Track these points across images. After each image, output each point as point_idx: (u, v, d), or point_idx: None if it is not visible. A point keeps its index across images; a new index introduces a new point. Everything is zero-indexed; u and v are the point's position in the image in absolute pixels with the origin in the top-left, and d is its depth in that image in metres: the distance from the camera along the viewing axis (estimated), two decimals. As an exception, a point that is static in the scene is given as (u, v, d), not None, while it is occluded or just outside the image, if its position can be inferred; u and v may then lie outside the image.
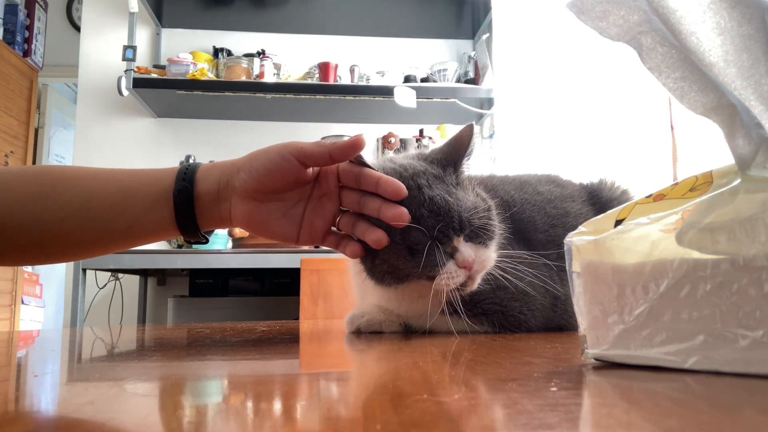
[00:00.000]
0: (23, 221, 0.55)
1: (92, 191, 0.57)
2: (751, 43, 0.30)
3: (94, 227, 0.56)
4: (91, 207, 0.56)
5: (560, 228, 0.68)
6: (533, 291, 0.62)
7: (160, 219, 0.56)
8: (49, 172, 0.59)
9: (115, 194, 0.57)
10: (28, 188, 0.57)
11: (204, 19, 2.52)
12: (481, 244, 0.58)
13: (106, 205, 0.56)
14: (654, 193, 0.34)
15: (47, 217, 0.55)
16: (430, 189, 0.58)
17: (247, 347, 0.53)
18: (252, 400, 0.27)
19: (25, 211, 0.55)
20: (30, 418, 0.22)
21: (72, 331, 0.89)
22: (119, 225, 0.56)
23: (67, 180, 0.57)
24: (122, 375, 0.34)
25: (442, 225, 0.56)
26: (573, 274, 0.35)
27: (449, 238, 0.56)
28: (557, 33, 1.66)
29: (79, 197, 0.56)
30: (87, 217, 0.56)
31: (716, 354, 0.27)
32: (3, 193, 0.56)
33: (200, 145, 2.45)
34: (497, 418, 0.21)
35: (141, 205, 0.56)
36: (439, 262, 0.55)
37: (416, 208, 0.56)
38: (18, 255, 0.60)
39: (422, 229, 0.55)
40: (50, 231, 0.56)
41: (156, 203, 0.56)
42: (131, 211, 0.56)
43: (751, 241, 0.26)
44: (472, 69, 2.51)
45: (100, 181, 0.58)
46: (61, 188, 0.57)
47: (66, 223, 0.56)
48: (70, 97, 4.28)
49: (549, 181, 0.77)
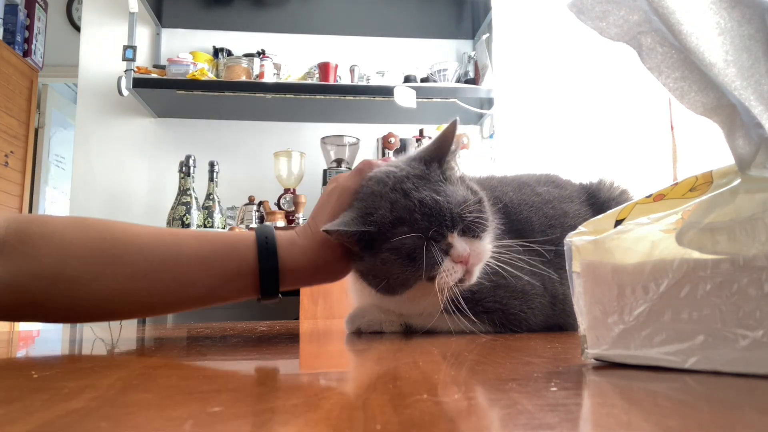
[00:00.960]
0: (79, 275, 0.52)
1: (164, 254, 0.55)
2: (751, 43, 0.30)
3: (168, 290, 0.55)
4: (165, 269, 0.55)
5: (558, 228, 0.68)
6: (532, 288, 0.63)
7: (242, 287, 0.58)
8: (111, 231, 0.55)
9: (191, 260, 0.56)
10: (83, 239, 0.53)
11: (204, 19, 2.51)
12: (475, 237, 0.59)
13: (182, 270, 0.55)
14: (654, 193, 0.34)
15: (110, 273, 0.53)
16: (417, 192, 0.58)
17: (247, 347, 0.53)
18: (252, 400, 0.27)
19: (83, 262, 0.52)
20: (30, 417, 0.22)
21: (72, 331, 0.89)
22: (197, 292, 0.56)
23: (130, 238, 0.55)
24: (122, 375, 0.34)
25: (435, 225, 0.56)
26: (573, 274, 0.35)
27: (443, 235, 0.57)
28: (557, 33, 1.66)
29: (149, 258, 0.54)
30: (159, 280, 0.54)
31: (716, 354, 0.27)
32: (56, 240, 0.52)
33: (200, 145, 2.44)
34: (497, 418, 0.21)
35: (218, 276, 0.57)
36: (438, 260, 0.56)
37: (408, 214, 0.57)
38: (69, 313, 0.55)
39: (418, 234, 0.56)
40: (113, 289, 0.53)
41: (237, 274, 0.57)
42: (207, 281, 0.56)
43: (751, 241, 0.26)
44: (472, 69, 2.51)
45: (168, 244, 0.56)
46: (122, 246, 0.54)
47: (134, 284, 0.53)
48: (70, 97, 4.28)
49: (547, 182, 0.77)
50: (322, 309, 1.45)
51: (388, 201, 0.58)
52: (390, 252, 0.57)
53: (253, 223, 2.19)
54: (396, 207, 0.58)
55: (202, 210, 2.11)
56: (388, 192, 0.59)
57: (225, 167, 2.31)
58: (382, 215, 0.58)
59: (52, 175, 4.15)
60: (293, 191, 2.24)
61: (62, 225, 0.54)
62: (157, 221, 2.29)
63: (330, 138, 2.30)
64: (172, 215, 2.08)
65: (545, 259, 0.65)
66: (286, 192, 2.23)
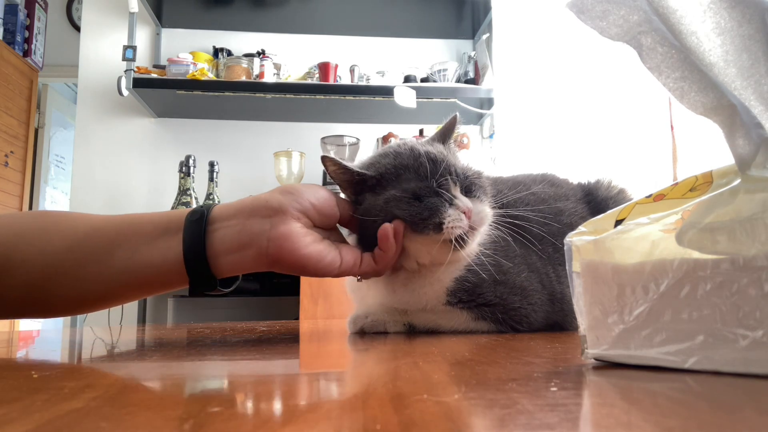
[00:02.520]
0: (26, 255, 0.53)
1: (95, 223, 0.56)
2: (751, 43, 0.30)
3: (94, 259, 0.53)
4: (92, 236, 0.54)
5: (554, 225, 0.69)
6: (530, 285, 0.63)
7: (166, 249, 0.52)
8: (51, 212, 0.59)
9: (120, 225, 0.55)
10: (30, 224, 0.56)
11: (204, 19, 2.51)
12: (477, 199, 0.61)
13: (110, 235, 0.54)
14: (654, 193, 0.34)
15: (50, 249, 0.53)
16: (423, 147, 0.63)
17: (247, 347, 0.53)
18: (252, 400, 0.27)
19: (29, 243, 0.54)
20: (30, 417, 0.22)
21: (72, 331, 0.89)
22: (120, 257, 0.53)
23: (70, 218, 0.57)
24: (122, 375, 0.34)
25: (441, 170, 0.59)
26: (573, 274, 0.35)
27: (448, 186, 0.59)
28: (557, 33, 1.66)
29: (81, 230, 0.55)
30: (88, 249, 0.54)
31: (716, 354, 0.27)
32: (6, 229, 0.54)
33: (200, 145, 2.44)
34: (497, 418, 0.21)
35: (146, 234, 0.54)
36: (446, 202, 0.57)
37: (414, 161, 0.60)
38: (22, 302, 0.55)
39: (424, 176, 0.59)
40: (53, 265, 0.53)
41: (164, 232, 0.53)
42: (134, 240, 0.53)
43: (751, 241, 0.26)
44: (472, 69, 2.51)
45: (104, 218, 0.57)
46: (64, 224, 0.56)
47: (68, 255, 0.53)
48: (70, 97, 4.28)
49: (543, 181, 0.77)
50: (322, 309, 1.45)
51: (393, 153, 0.62)
52: (396, 191, 0.58)
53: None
54: (401, 156, 0.61)
55: (202, 210, 2.11)
56: (394, 148, 0.63)
57: (225, 167, 2.31)
58: (386, 164, 0.61)
59: (52, 175, 4.15)
60: (293, 191, 2.23)
61: (11, 216, 0.57)
62: (157, 221, 2.29)
63: (330, 138, 2.30)
64: (172, 215, 2.08)
65: (542, 257, 0.65)
66: (286, 192, 2.23)
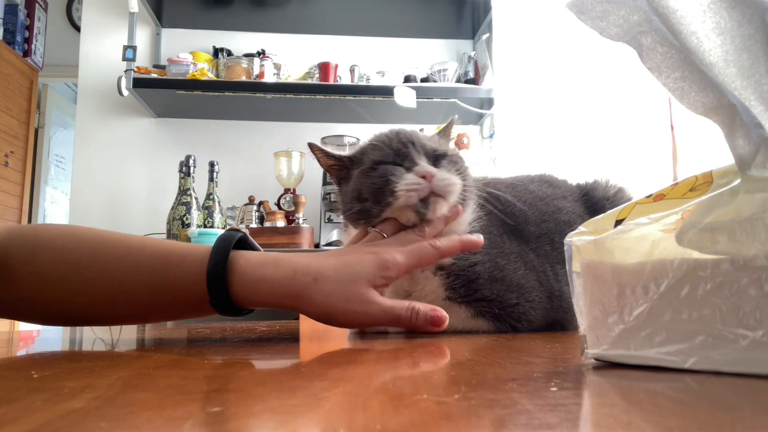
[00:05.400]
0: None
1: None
2: (751, 43, 0.30)
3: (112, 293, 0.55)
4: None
5: (552, 223, 0.69)
6: (528, 282, 0.63)
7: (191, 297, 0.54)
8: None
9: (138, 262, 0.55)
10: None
11: (204, 19, 2.51)
12: (444, 169, 0.64)
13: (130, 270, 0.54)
14: (654, 193, 0.34)
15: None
16: (401, 130, 0.69)
17: (247, 347, 0.53)
18: (252, 400, 0.27)
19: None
20: (30, 417, 0.22)
21: (72, 331, 0.89)
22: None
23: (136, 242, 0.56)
24: (122, 375, 0.34)
25: (405, 141, 0.65)
26: (573, 273, 0.35)
27: (409, 151, 0.63)
28: (557, 33, 1.66)
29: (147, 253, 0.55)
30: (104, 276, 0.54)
31: (716, 354, 0.27)
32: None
33: (200, 145, 2.44)
34: (497, 418, 0.21)
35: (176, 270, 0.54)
36: (404, 170, 0.62)
37: (388, 143, 0.66)
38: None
39: (387, 148, 0.64)
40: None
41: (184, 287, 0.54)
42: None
43: (751, 241, 0.26)
44: (472, 69, 2.50)
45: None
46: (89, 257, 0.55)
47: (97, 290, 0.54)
48: (70, 97, 4.28)
49: (541, 181, 0.78)
50: (322, 309, 1.45)
51: (373, 136, 0.69)
52: (367, 169, 0.64)
53: (254, 222, 2.19)
54: (375, 138, 0.68)
55: (202, 210, 2.11)
56: (376, 134, 0.70)
57: (225, 167, 2.31)
58: (361, 145, 0.69)
59: (52, 175, 4.15)
60: (293, 191, 2.24)
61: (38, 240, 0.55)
62: (157, 221, 2.29)
63: (330, 138, 2.30)
64: (172, 215, 2.08)
65: (540, 255, 0.65)
66: (286, 192, 2.23)
